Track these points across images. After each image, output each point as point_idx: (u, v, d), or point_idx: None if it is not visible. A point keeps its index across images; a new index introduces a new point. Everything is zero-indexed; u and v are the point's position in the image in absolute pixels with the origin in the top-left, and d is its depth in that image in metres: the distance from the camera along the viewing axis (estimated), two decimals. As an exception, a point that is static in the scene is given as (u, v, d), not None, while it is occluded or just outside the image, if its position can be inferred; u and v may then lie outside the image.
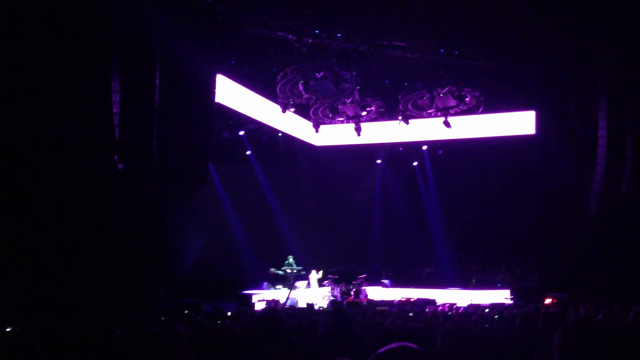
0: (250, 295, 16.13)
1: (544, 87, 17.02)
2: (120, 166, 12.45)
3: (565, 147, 16.74)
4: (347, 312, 5.78)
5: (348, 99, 17.20)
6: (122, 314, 8.06)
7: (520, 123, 18.79)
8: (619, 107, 15.36)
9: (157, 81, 13.10)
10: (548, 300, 14.93)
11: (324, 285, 18.49)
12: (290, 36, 14.77)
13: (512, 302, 16.48)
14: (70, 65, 11.45)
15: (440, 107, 17.10)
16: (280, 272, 18.36)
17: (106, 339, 4.51)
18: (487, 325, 7.19)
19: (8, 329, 5.15)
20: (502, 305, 15.09)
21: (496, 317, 9.83)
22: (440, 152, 21.87)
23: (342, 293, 17.85)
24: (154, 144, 13.12)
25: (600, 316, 9.59)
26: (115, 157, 12.38)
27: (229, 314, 10.41)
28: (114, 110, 12.19)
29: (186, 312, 10.41)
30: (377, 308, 14.24)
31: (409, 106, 17.44)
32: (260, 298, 16.21)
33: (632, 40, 14.23)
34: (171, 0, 13.29)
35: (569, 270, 16.53)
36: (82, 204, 11.84)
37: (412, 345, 1.97)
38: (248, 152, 21.13)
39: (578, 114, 16.62)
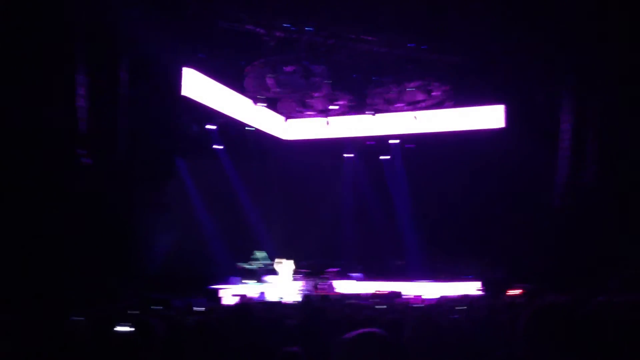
0: (218, 290, 16.06)
1: (513, 80, 17.24)
2: (86, 160, 12.25)
3: (534, 141, 17.00)
4: (316, 305, 5.80)
5: (317, 93, 17.20)
6: (91, 311, 7.94)
7: (489, 117, 19.01)
8: (583, 100, 15.64)
9: (123, 73, 12.92)
10: (515, 292, 15.17)
11: (295, 280, 18.52)
12: (259, 30, 14.68)
13: (482, 293, 16.71)
14: (34, 56, 11.21)
15: (409, 101, 17.22)
16: (249, 267, 18.32)
17: (76, 336, 4.43)
18: (456, 317, 7.27)
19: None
20: (471, 296, 15.28)
21: (457, 308, 9.93)
22: (409, 146, 22.00)
23: (313, 287, 17.90)
24: (120, 137, 12.94)
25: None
26: (81, 151, 12.19)
27: (197, 309, 10.32)
28: (79, 103, 11.99)
29: (157, 307, 10.29)
30: (347, 301, 14.28)
31: (378, 100, 17.52)
32: (229, 293, 16.15)
33: (600, 36, 14.47)
34: (138, -9, 13.10)
35: (536, 262, 16.81)
36: (46, 199, 11.63)
37: (377, 330, 1.99)
38: (217, 146, 20.97)
39: (546, 108, 16.87)
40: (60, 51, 11.69)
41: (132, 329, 3.79)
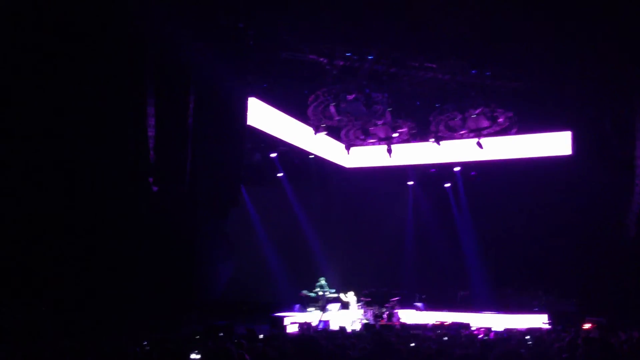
0: (282, 318, 16.06)
1: (579, 106, 16.76)
2: (155, 188, 12.60)
3: (603, 168, 16.41)
4: (381, 336, 5.69)
5: (379, 121, 17.18)
6: (158, 336, 8.09)
7: (556, 143, 18.50)
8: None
9: (190, 104, 13.29)
10: (587, 325, 14.54)
11: (357, 308, 18.34)
12: (321, 59, 14.87)
13: (550, 326, 16.09)
14: (107, 89, 11.71)
15: (473, 128, 16.94)
16: (312, 294, 18.28)
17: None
18: (522, 351, 6.99)
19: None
20: (539, 329, 14.73)
21: (529, 342, 9.58)
22: (473, 173, 21.63)
23: (375, 316, 17.66)
24: (188, 166, 13.26)
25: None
26: (150, 179, 12.55)
27: (261, 336, 10.36)
28: (149, 133, 12.39)
29: (220, 334, 10.40)
30: (411, 332, 14.02)
31: (441, 127, 17.32)
32: (292, 320, 16.13)
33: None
34: (204, 24, 13.51)
35: (607, 294, 16.11)
36: (116, 225, 12.01)
37: None
38: (280, 174, 21.21)
39: (615, 134, 16.30)
40: (131, 83, 12.16)
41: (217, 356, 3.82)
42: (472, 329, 14.73)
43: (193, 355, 4.67)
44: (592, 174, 16.70)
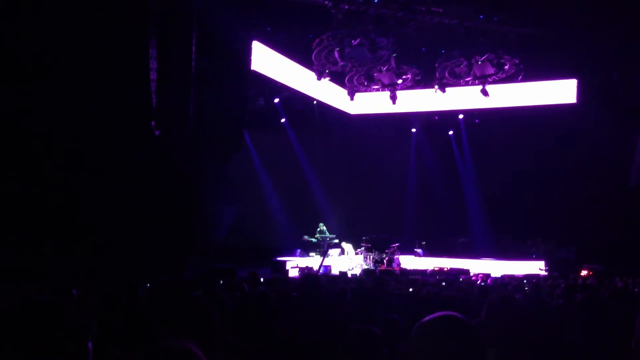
0: (284, 262, 16.30)
1: (586, 54, 16.51)
2: (157, 132, 12.58)
3: (607, 117, 16.31)
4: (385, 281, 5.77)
5: (384, 67, 16.98)
6: (160, 279, 8.24)
7: (561, 92, 18.35)
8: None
9: (193, 47, 13.12)
10: (584, 272, 14.75)
11: (357, 254, 18.59)
12: (326, 2, 14.55)
13: (546, 273, 16.35)
14: (108, 31, 11.51)
15: (478, 75, 16.76)
16: (314, 240, 18.49)
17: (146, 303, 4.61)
18: (519, 296, 7.13)
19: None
20: (536, 276, 14.97)
21: (526, 288, 9.75)
22: (477, 121, 21.52)
23: (375, 261, 17.92)
24: (190, 110, 13.20)
25: (636, 289, 9.48)
26: (152, 123, 12.51)
27: (262, 280, 10.56)
28: (151, 76, 12.28)
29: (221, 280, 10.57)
30: (410, 277, 14.26)
31: (446, 74, 17.14)
32: (293, 265, 16.38)
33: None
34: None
35: (605, 243, 16.29)
36: (118, 169, 12.03)
37: (458, 314, 1.93)
38: (283, 120, 21.13)
39: (621, 83, 16.12)
40: (133, 26, 11.96)
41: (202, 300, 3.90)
42: (471, 275, 14.99)
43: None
44: (596, 123, 16.62)
